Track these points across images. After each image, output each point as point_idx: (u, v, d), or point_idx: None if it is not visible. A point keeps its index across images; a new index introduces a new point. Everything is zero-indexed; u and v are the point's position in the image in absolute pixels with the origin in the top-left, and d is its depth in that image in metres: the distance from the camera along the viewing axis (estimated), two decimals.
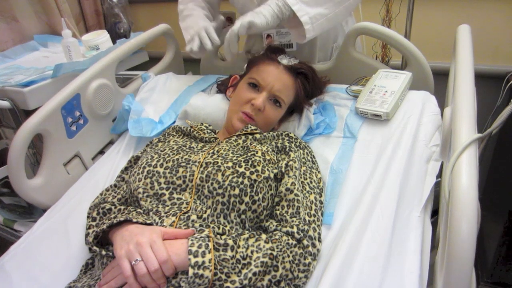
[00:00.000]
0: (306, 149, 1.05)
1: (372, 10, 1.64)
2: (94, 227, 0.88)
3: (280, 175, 0.94)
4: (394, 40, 1.27)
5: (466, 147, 0.66)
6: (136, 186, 0.91)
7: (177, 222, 0.82)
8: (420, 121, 1.08)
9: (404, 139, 1.03)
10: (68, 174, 1.23)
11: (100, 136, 1.37)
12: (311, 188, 0.95)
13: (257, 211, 0.86)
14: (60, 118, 1.18)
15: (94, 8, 2.26)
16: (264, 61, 1.12)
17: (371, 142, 1.08)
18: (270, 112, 1.08)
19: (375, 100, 1.12)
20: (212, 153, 0.95)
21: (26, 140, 1.07)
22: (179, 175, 0.90)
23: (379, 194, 0.92)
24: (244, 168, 0.88)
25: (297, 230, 0.83)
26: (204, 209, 0.86)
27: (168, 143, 1.06)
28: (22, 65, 1.64)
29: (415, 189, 0.93)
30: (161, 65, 1.64)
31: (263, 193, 0.87)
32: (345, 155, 1.06)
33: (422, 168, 0.98)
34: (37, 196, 1.13)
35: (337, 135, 1.14)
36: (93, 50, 1.60)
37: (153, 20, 2.37)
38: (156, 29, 1.56)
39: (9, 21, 1.80)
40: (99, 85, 1.29)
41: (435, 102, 1.14)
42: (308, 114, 1.16)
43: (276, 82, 1.07)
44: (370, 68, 1.33)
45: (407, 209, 0.89)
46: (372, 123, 1.12)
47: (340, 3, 1.12)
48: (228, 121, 1.10)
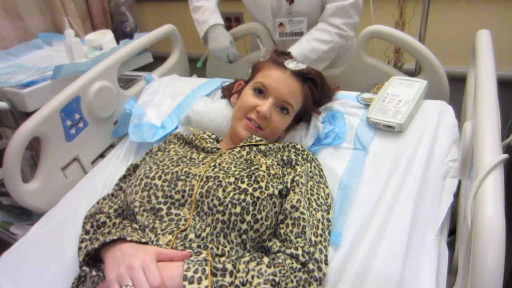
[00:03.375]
0: (314, 162, 0.99)
1: (384, 12, 1.57)
2: (87, 241, 0.84)
3: (285, 191, 0.88)
4: (408, 45, 1.22)
5: (491, 170, 0.60)
6: (132, 199, 0.86)
7: (173, 241, 0.77)
8: (436, 133, 1.01)
9: (419, 153, 0.97)
10: (66, 178, 1.19)
11: (101, 139, 1.33)
12: (318, 205, 0.89)
13: (260, 231, 0.81)
14: (59, 121, 1.14)
15: (101, 6, 2.23)
16: (270, 66, 1.06)
17: (383, 155, 1.01)
18: (277, 119, 1.02)
19: (387, 109, 1.06)
20: (213, 166, 0.90)
21: (23, 144, 1.04)
22: (178, 189, 0.85)
23: (392, 213, 0.86)
24: (247, 184, 0.82)
25: (302, 253, 0.77)
26: (203, 227, 0.81)
27: (168, 152, 1.00)
28: (25, 63, 1.60)
29: (431, 209, 0.87)
30: (165, 67, 1.60)
31: (267, 211, 0.82)
32: (355, 168, 1.00)
33: (438, 186, 0.91)
34: (33, 201, 1.10)
35: (346, 146, 1.07)
36: (96, 50, 1.56)
37: (159, 19, 2.34)
38: (161, 30, 1.52)
39: (14, 18, 1.78)
40: (100, 87, 1.24)
41: (452, 113, 1.08)
42: (316, 123, 1.10)
43: (283, 87, 1.01)
44: (382, 74, 1.28)
45: (421, 231, 0.83)
46: (384, 135, 1.06)
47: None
48: (232, 130, 1.04)
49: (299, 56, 1.30)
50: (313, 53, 1.35)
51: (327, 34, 1.34)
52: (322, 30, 1.35)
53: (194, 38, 2.22)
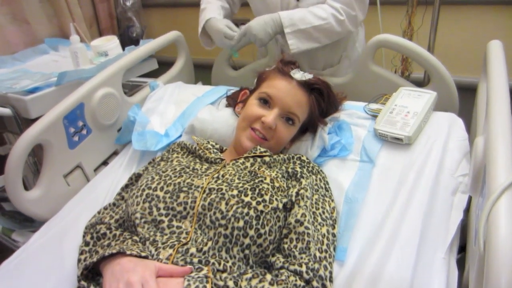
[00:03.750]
0: (319, 175, 0.97)
1: (392, 21, 1.55)
2: (86, 253, 0.82)
3: (289, 205, 0.86)
4: (417, 54, 1.20)
5: (505, 189, 0.57)
6: (133, 210, 0.84)
7: (174, 255, 0.75)
8: (445, 147, 0.98)
9: (428, 167, 0.94)
10: (68, 185, 1.18)
11: (104, 147, 1.31)
12: (323, 220, 0.86)
13: (263, 246, 0.79)
14: (62, 128, 1.13)
15: (108, 11, 2.24)
16: (276, 75, 1.04)
17: (390, 168, 0.99)
18: (282, 130, 1.00)
19: (395, 121, 1.04)
20: (216, 178, 0.88)
21: (24, 151, 1.03)
22: (180, 201, 0.83)
23: (399, 230, 0.83)
24: (250, 198, 0.80)
25: (306, 269, 0.75)
26: (205, 241, 0.79)
27: (171, 162, 0.99)
28: (30, 69, 1.60)
29: (440, 226, 0.84)
30: (171, 73, 1.59)
31: (270, 225, 0.80)
32: (362, 182, 0.98)
33: (448, 201, 0.89)
34: (34, 209, 1.09)
35: (353, 158, 1.05)
36: (101, 56, 1.55)
37: (166, 24, 2.34)
38: (167, 37, 1.51)
39: (20, 23, 1.78)
40: (104, 94, 1.23)
41: (462, 126, 1.05)
42: (322, 133, 1.07)
43: (289, 98, 0.99)
44: (390, 83, 1.26)
45: (430, 249, 0.80)
46: (392, 147, 1.04)
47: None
48: (237, 140, 1.02)
49: (286, 20, 1.25)
50: (302, 22, 1.25)
51: (323, 11, 1.26)
52: (319, 7, 1.28)
53: (200, 44, 2.23)
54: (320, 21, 1.25)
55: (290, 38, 1.26)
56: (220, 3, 1.45)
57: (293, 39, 1.27)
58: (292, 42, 1.27)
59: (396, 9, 1.53)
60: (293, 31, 1.26)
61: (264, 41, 1.28)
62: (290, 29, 1.25)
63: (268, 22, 1.27)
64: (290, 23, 1.25)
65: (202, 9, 1.43)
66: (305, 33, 1.26)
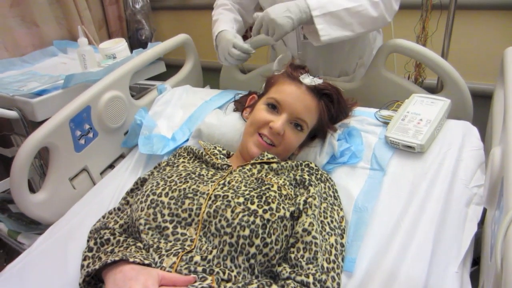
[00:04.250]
0: (328, 182, 0.94)
1: (406, 26, 1.52)
2: (89, 258, 0.81)
3: (297, 213, 0.84)
4: (430, 60, 1.17)
5: None
6: (138, 216, 0.83)
7: (178, 263, 0.73)
8: (459, 156, 0.95)
9: (441, 177, 0.91)
10: (74, 189, 1.18)
11: (110, 150, 1.31)
12: (331, 229, 0.84)
13: (269, 255, 0.76)
14: (68, 131, 1.12)
15: (117, 13, 2.24)
16: (285, 80, 1.02)
17: (401, 177, 0.96)
18: (290, 136, 0.98)
19: (408, 129, 1.01)
20: (222, 184, 0.86)
21: (30, 155, 1.03)
22: (184, 207, 0.81)
23: (410, 242, 0.81)
24: (257, 206, 0.78)
25: (313, 281, 0.73)
26: (210, 249, 0.77)
27: (176, 167, 0.97)
28: (38, 71, 1.61)
29: (453, 238, 0.81)
30: (179, 76, 1.58)
31: (277, 234, 0.77)
32: (372, 190, 0.95)
33: (461, 213, 0.86)
34: (40, 212, 1.08)
35: (363, 166, 1.02)
36: (109, 59, 1.54)
37: (175, 27, 2.35)
38: (175, 40, 1.50)
39: (29, 26, 1.79)
40: (111, 97, 1.22)
41: (477, 135, 1.02)
42: (332, 140, 1.05)
43: (297, 103, 0.97)
44: (402, 90, 1.23)
45: (443, 263, 0.78)
46: (403, 155, 1.01)
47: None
48: (243, 146, 1.00)
49: (315, 4, 1.08)
50: (332, 4, 1.09)
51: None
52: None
53: (208, 47, 2.22)
54: (353, 3, 1.09)
55: (320, 23, 1.09)
56: (233, 15, 1.37)
57: (323, 24, 1.09)
58: (322, 27, 1.09)
59: (410, 13, 1.50)
60: (323, 14, 1.09)
61: (285, 28, 1.09)
62: (319, 11, 1.08)
63: (291, 6, 1.09)
64: (319, 5, 1.09)
65: (214, 21, 1.36)
66: (336, 17, 1.10)
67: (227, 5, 1.39)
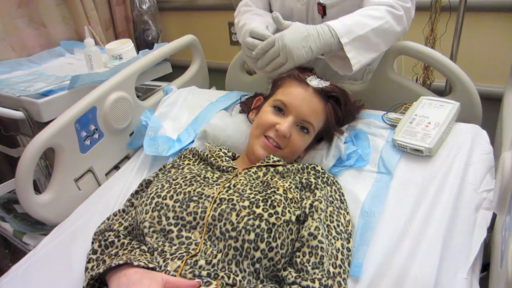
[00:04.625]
0: (334, 186, 0.93)
1: (414, 28, 1.49)
2: (94, 261, 0.80)
3: (303, 217, 0.83)
4: (439, 63, 1.15)
5: None
6: (142, 219, 0.82)
7: (182, 267, 0.72)
8: (468, 160, 0.94)
9: (449, 181, 0.90)
10: (79, 190, 1.17)
11: (116, 151, 1.30)
12: (337, 233, 0.83)
13: (274, 259, 0.75)
14: (74, 132, 1.12)
15: (124, 14, 2.25)
16: (291, 82, 1.01)
17: (409, 181, 0.95)
18: (296, 139, 0.97)
19: (416, 132, 1.00)
20: (228, 188, 0.85)
21: (35, 156, 1.03)
22: (189, 211, 0.81)
23: (418, 247, 0.79)
24: (262, 209, 0.77)
25: (319, 286, 0.72)
26: (215, 253, 0.76)
27: (181, 170, 0.96)
28: (45, 71, 1.61)
29: (462, 244, 0.80)
30: (185, 77, 1.57)
31: (282, 238, 0.76)
32: (379, 194, 0.94)
33: (471, 218, 0.84)
34: (45, 213, 1.08)
35: (370, 169, 1.01)
36: (115, 60, 1.54)
37: (182, 28, 2.35)
38: (181, 41, 1.50)
39: (37, 26, 1.80)
40: (117, 98, 1.22)
41: (486, 138, 1.00)
42: (338, 143, 1.04)
43: (304, 106, 0.96)
44: (409, 92, 1.21)
45: (451, 269, 0.76)
46: (411, 159, 0.99)
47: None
48: (249, 148, 1.00)
49: (340, 27, 0.98)
50: (359, 27, 0.99)
51: (375, 10, 1.02)
52: (369, 8, 1.04)
53: (215, 48, 2.22)
54: (378, 21, 1.01)
55: (350, 50, 0.99)
56: (264, 18, 1.22)
57: (352, 51, 1.00)
58: (352, 55, 1.00)
59: (419, 15, 1.47)
60: (352, 40, 0.99)
61: (300, 59, 0.98)
62: (347, 37, 0.98)
63: (312, 33, 0.98)
64: (346, 30, 0.99)
65: (241, 26, 1.20)
66: (364, 41, 1.01)
67: (253, 11, 1.28)
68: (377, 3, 1.04)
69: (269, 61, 1.01)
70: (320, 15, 1.18)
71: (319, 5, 1.16)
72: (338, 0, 1.14)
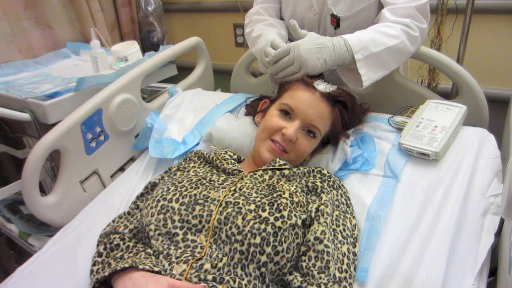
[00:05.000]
0: (341, 189, 0.93)
1: None
2: (99, 264, 0.81)
3: (309, 221, 0.82)
4: (445, 66, 1.15)
5: None
6: (148, 222, 0.82)
7: (188, 271, 0.72)
8: (475, 164, 0.93)
9: (456, 185, 0.89)
10: (84, 192, 1.17)
11: (121, 153, 1.30)
12: (343, 238, 0.82)
13: (280, 263, 0.75)
14: (80, 134, 1.12)
15: (130, 15, 2.25)
16: (298, 86, 1.00)
17: (416, 185, 0.94)
18: (303, 143, 0.97)
19: (422, 136, 0.99)
20: (233, 191, 0.85)
21: (41, 157, 1.03)
22: (195, 214, 0.81)
23: (425, 251, 0.78)
24: (268, 213, 0.77)
25: None
26: (220, 256, 0.76)
27: (187, 172, 0.96)
28: (51, 73, 1.61)
29: (469, 249, 0.79)
30: (190, 79, 1.57)
31: (288, 242, 0.76)
32: (385, 198, 0.93)
33: (478, 223, 0.83)
34: (50, 215, 1.08)
35: (376, 173, 1.01)
36: (121, 62, 1.54)
37: (187, 29, 2.35)
38: (187, 43, 1.50)
39: (43, 28, 1.80)
40: (122, 100, 1.22)
41: (494, 142, 0.99)
42: (344, 146, 1.03)
43: (311, 110, 0.96)
44: (415, 95, 1.21)
45: (458, 274, 0.75)
46: (417, 163, 0.99)
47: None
48: (255, 151, 0.99)
49: (357, 45, 0.98)
50: (374, 44, 0.99)
51: (392, 29, 1.02)
52: (385, 25, 1.03)
53: (220, 50, 2.22)
54: (394, 40, 1.01)
55: (362, 67, 1.00)
56: (277, 29, 1.22)
57: (364, 68, 1.00)
58: (364, 72, 1.00)
59: None
60: (365, 57, 0.99)
61: (315, 69, 0.98)
62: (361, 54, 0.99)
63: (327, 44, 0.98)
64: (362, 46, 0.99)
65: (256, 37, 1.21)
66: (376, 58, 1.01)
67: (267, 20, 1.26)
68: (394, 21, 1.04)
69: (282, 68, 1.02)
70: (333, 27, 1.18)
71: (333, 16, 1.15)
72: (352, 13, 1.14)
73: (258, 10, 1.30)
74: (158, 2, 2.22)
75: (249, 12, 1.33)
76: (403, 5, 1.04)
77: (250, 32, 1.26)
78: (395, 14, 1.04)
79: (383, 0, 1.10)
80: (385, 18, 1.06)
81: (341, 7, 1.14)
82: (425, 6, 1.06)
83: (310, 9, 1.19)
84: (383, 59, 1.02)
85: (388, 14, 1.05)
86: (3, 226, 1.37)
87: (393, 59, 1.05)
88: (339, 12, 1.14)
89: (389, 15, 1.05)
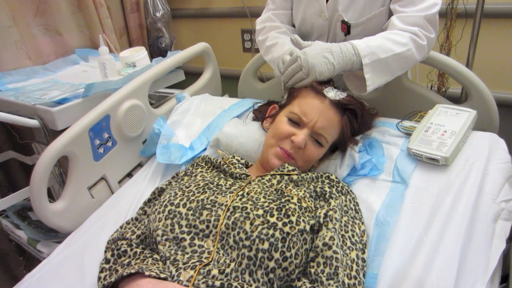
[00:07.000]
0: (349, 195, 0.92)
1: None
2: (106, 270, 0.81)
3: (317, 226, 0.82)
4: (454, 70, 1.14)
5: None
6: (155, 227, 0.82)
7: (195, 277, 0.72)
8: (486, 169, 0.92)
9: (466, 191, 0.88)
10: (92, 198, 1.18)
11: (129, 158, 1.31)
12: (352, 244, 0.82)
13: (288, 269, 0.75)
14: (88, 140, 1.13)
15: (138, 21, 2.27)
16: (308, 93, 1.00)
17: (425, 190, 0.93)
18: (311, 150, 0.96)
19: (431, 141, 0.98)
20: (241, 196, 0.85)
21: (50, 164, 1.04)
22: (202, 219, 0.80)
23: (435, 257, 0.77)
24: (276, 218, 0.77)
25: None
26: (228, 262, 0.75)
27: (194, 177, 0.96)
28: (60, 79, 1.63)
29: (480, 255, 0.78)
30: (198, 85, 1.58)
31: (297, 248, 0.75)
32: (394, 204, 0.92)
33: (489, 229, 0.82)
34: (59, 221, 1.09)
35: (384, 178, 1.00)
36: (129, 68, 1.55)
37: (195, 35, 2.36)
38: (194, 48, 1.50)
39: (52, 34, 1.82)
40: (130, 106, 1.23)
41: (504, 147, 0.98)
42: (352, 152, 1.02)
43: (320, 118, 0.95)
44: (424, 100, 1.20)
45: (469, 280, 0.74)
46: (427, 168, 0.98)
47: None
48: (264, 157, 0.99)
49: (365, 50, 0.98)
50: (381, 50, 0.99)
51: (400, 36, 1.02)
52: (394, 32, 1.04)
53: (227, 55, 2.23)
54: (401, 47, 1.01)
55: (368, 71, 1.00)
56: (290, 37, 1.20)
57: (370, 73, 1.00)
58: (369, 77, 1.00)
59: None
60: (372, 62, 0.99)
61: (323, 74, 0.98)
62: (369, 58, 0.99)
63: (335, 50, 0.99)
64: (370, 51, 0.99)
65: (271, 45, 1.22)
66: (382, 65, 1.01)
67: (280, 28, 1.26)
68: (403, 28, 1.04)
69: (291, 75, 1.02)
70: (343, 33, 1.18)
71: (344, 23, 1.15)
72: (363, 20, 1.14)
73: (270, 17, 1.29)
74: (166, 8, 2.24)
75: (261, 19, 1.33)
76: (413, 14, 1.04)
77: (264, 40, 1.26)
78: (404, 22, 1.04)
79: (393, 8, 1.09)
80: (393, 26, 1.06)
81: (352, 14, 1.14)
82: (434, 16, 1.05)
83: (320, 15, 1.19)
84: (390, 65, 1.02)
85: (397, 22, 1.05)
86: (12, 233, 1.38)
87: (399, 66, 1.05)
88: (350, 18, 1.14)
89: (398, 23, 1.05)
